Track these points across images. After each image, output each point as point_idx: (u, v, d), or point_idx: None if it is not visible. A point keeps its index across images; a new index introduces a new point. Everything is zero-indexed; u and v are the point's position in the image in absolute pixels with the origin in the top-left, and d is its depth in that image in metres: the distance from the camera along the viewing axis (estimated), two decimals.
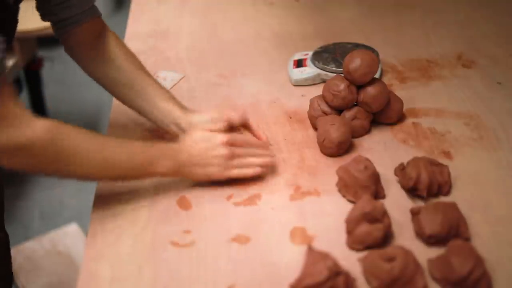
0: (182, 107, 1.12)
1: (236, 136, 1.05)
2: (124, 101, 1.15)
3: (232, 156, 1.02)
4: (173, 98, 1.13)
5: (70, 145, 0.89)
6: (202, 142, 1.01)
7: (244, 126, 1.13)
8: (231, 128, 1.09)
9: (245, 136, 1.09)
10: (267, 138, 1.13)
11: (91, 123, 2.80)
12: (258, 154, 1.05)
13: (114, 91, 1.15)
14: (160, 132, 1.16)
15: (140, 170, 0.97)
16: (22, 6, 1.02)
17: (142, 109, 1.13)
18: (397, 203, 0.99)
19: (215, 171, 1.01)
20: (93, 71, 1.14)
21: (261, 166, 1.04)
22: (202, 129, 1.04)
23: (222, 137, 1.02)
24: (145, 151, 0.97)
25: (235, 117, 1.09)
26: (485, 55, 1.43)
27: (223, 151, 1.01)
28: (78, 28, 1.09)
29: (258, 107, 1.27)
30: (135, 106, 1.13)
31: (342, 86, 1.14)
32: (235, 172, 1.02)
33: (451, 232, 0.90)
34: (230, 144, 1.02)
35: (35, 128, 0.86)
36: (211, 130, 1.04)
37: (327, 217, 0.97)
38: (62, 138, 0.89)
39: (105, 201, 1.02)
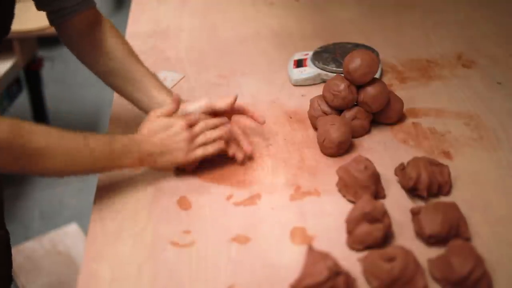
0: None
1: (191, 115, 1.04)
2: (119, 92, 1.16)
3: (193, 137, 1.02)
4: (167, 89, 1.14)
5: (33, 143, 0.89)
6: (163, 130, 1.01)
7: (238, 111, 1.13)
8: (224, 115, 1.10)
9: (198, 114, 1.06)
10: (264, 119, 1.12)
11: (91, 123, 2.81)
12: (216, 127, 1.05)
13: (109, 82, 1.15)
14: None
15: (105, 165, 0.98)
16: (22, 6, 1.02)
17: (137, 100, 1.14)
18: (397, 203, 0.99)
19: (179, 156, 1.02)
20: (88, 61, 1.15)
21: (221, 138, 1.04)
22: (158, 116, 1.03)
23: (181, 122, 1.02)
24: (108, 147, 0.96)
25: (223, 103, 1.09)
26: (485, 55, 1.43)
27: (185, 134, 1.01)
28: (73, 18, 1.10)
29: (258, 107, 1.27)
30: (130, 96, 1.14)
31: (342, 86, 1.14)
32: (199, 152, 1.03)
33: (451, 232, 0.90)
34: (190, 126, 1.03)
35: None
36: (164, 113, 1.04)
37: (327, 217, 0.97)
38: (24, 137, 0.88)
39: (105, 201, 1.02)
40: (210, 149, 1.04)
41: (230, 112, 1.13)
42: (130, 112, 1.25)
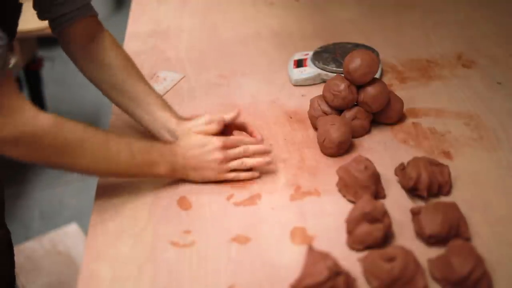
0: (177, 116, 1.11)
1: (229, 139, 1.05)
2: (117, 105, 1.15)
3: (226, 160, 1.03)
4: (168, 106, 1.13)
5: (77, 138, 0.92)
6: (197, 147, 1.02)
7: (239, 127, 1.12)
8: (225, 129, 1.09)
9: (239, 136, 1.08)
10: (262, 137, 1.11)
11: (91, 123, 2.80)
12: (252, 154, 1.05)
13: (108, 94, 1.15)
14: None
15: (140, 170, 0.99)
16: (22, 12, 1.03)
17: (136, 115, 1.13)
18: (397, 203, 0.99)
19: (210, 175, 1.04)
20: (87, 72, 1.15)
21: (256, 166, 1.05)
22: (197, 133, 1.04)
23: (217, 142, 1.03)
24: (146, 152, 0.99)
25: (228, 117, 1.09)
26: (485, 55, 1.43)
27: (218, 155, 1.02)
28: (73, 25, 1.10)
29: (258, 107, 1.27)
30: (128, 111, 1.14)
31: (342, 86, 1.14)
32: (231, 176, 1.04)
33: (451, 232, 0.90)
34: (225, 147, 1.03)
35: (42, 120, 0.88)
36: (206, 133, 1.05)
37: (327, 217, 0.97)
38: (69, 131, 0.91)
39: (105, 201, 1.02)
40: (242, 176, 1.05)
41: (233, 127, 1.12)
42: None
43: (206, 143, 1.03)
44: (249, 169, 1.06)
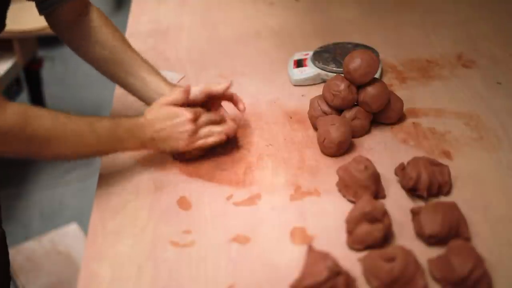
0: (168, 82, 1.16)
1: (199, 110, 1.07)
2: (112, 79, 1.17)
3: (196, 130, 1.06)
4: (158, 72, 1.16)
5: (41, 128, 0.92)
6: (168, 118, 1.04)
7: (227, 98, 1.16)
8: (214, 100, 1.13)
9: (209, 113, 1.10)
10: (245, 107, 1.16)
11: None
12: (220, 122, 1.09)
13: (102, 70, 1.17)
14: None
15: (109, 148, 1.02)
16: (22, 6, 1.02)
17: (130, 85, 1.16)
18: (397, 203, 0.99)
19: (180, 144, 1.05)
20: (80, 50, 1.17)
21: (225, 132, 1.08)
22: (166, 104, 1.06)
23: (188, 114, 1.04)
24: (114, 130, 1.00)
25: (219, 89, 1.13)
26: (485, 55, 1.43)
27: (188, 126, 1.04)
28: (60, 7, 1.11)
29: (258, 107, 1.27)
30: (123, 82, 1.16)
31: (342, 86, 1.14)
32: (200, 143, 1.06)
33: (451, 232, 0.90)
34: (195, 119, 1.05)
35: (9, 115, 0.88)
36: (169, 101, 1.06)
37: (327, 217, 0.97)
38: (33, 122, 0.91)
39: (105, 201, 1.02)
40: (210, 140, 1.07)
41: (222, 98, 1.16)
42: (130, 112, 1.25)
43: (177, 115, 1.04)
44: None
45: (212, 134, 1.07)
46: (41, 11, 1.12)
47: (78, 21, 1.14)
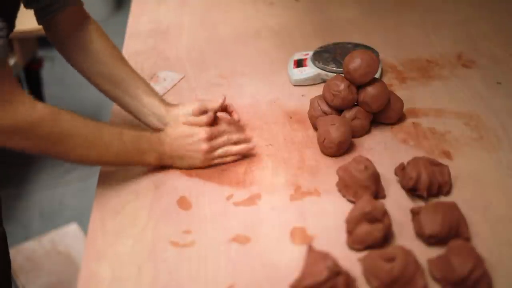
0: (165, 102, 1.15)
1: (215, 129, 1.09)
2: (107, 95, 1.16)
3: (212, 150, 1.07)
4: (156, 93, 1.16)
5: (71, 128, 0.94)
6: (184, 137, 1.06)
7: (222, 108, 1.16)
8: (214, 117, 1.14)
9: (223, 126, 1.12)
10: (239, 117, 1.17)
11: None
12: (236, 142, 1.10)
13: (96, 84, 1.16)
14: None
15: (130, 158, 1.03)
16: (22, 6, 1.02)
17: (124, 103, 1.15)
18: (397, 203, 0.99)
19: (196, 163, 1.07)
20: (76, 63, 1.16)
21: (240, 152, 1.10)
22: (184, 123, 1.09)
23: (203, 133, 1.06)
24: (136, 141, 1.02)
25: (215, 105, 1.13)
26: (485, 55, 1.43)
27: (204, 146, 1.06)
28: (59, 15, 1.10)
29: (258, 107, 1.27)
30: (117, 99, 1.16)
31: (342, 86, 1.14)
32: (216, 162, 1.09)
33: (451, 232, 0.90)
34: (210, 138, 1.07)
35: (38, 110, 0.91)
36: (194, 124, 1.08)
37: (327, 217, 0.97)
38: (64, 121, 0.93)
39: (105, 201, 1.02)
40: (227, 160, 1.10)
41: (217, 109, 1.16)
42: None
43: (192, 134, 1.06)
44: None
45: (228, 154, 1.09)
46: (40, 19, 1.11)
47: (75, 31, 1.13)
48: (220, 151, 1.08)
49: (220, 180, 1.06)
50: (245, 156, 1.11)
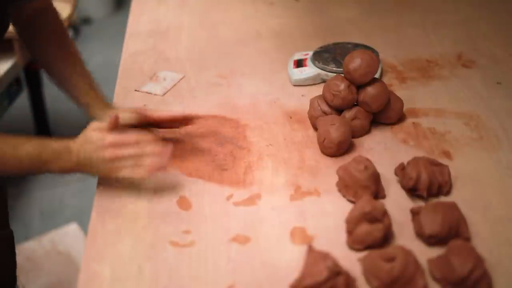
0: (102, 103, 1.15)
1: (125, 137, 0.98)
2: (59, 88, 1.19)
3: (115, 158, 0.97)
4: (94, 91, 1.16)
5: None
6: (89, 143, 0.98)
7: (159, 120, 1.12)
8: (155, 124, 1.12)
9: (134, 135, 0.99)
10: (182, 113, 1.13)
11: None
12: (150, 154, 0.98)
13: (49, 76, 1.18)
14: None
15: (33, 169, 0.99)
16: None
17: (70, 98, 1.18)
18: (397, 203, 0.99)
19: (102, 172, 1.00)
20: (31, 51, 1.18)
21: (151, 167, 0.98)
22: (94, 129, 1.00)
23: (106, 139, 0.98)
24: (38, 153, 0.96)
25: (154, 116, 1.11)
26: (485, 55, 1.43)
27: (106, 153, 0.97)
28: (20, 7, 1.12)
29: (258, 107, 1.27)
30: (65, 92, 1.18)
31: (342, 86, 1.14)
32: (125, 173, 0.98)
33: (451, 232, 0.90)
34: (116, 145, 0.98)
35: None
36: (100, 129, 1.00)
37: (327, 217, 0.97)
38: None
39: (105, 201, 1.02)
40: (136, 174, 0.98)
41: (172, 120, 1.13)
42: None
43: (96, 140, 0.98)
44: None
45: (140, 165, 0.98)
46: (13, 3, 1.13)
47: (33, 22, 1.14)
48: (127, 163, 0.97)
49: (220, 180, 1.06)
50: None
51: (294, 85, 1.35)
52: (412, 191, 1.00)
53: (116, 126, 1.00)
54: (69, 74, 1.15)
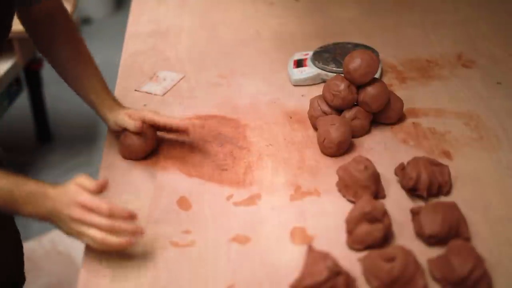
0: (111, 104, 1.13)
1: (98, 203, 0.87)
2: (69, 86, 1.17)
3: (80, 221, 0.87)
4: (105, 91, 1.14)
5: None
6: (64, 195, 0.88)
7: (164, 125, 1.10)
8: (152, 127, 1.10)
9: (113, 207, 0.88)
10: (186, 126, 1.10)
11: (90, 123, 2.81)
12: (120, 231, 0.87)
13: (64, 79, 1.17)
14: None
15: (3, 211, 0.92)
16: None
17: (81, 97, 1.16)
18: (397, 203, 0.99)
19: (66, 231, 0.90)
20: (42, 52, 1.17)
21: (118, 246, 0.87)
22: (77, 182, 0.90)
23: (79, 197, 0.87)
24: (10, 191, 0.89)
25: (148, 115, 1.09)
26: (485, 55, 1.43)
27: (72, 212, 0.87)
28: (32, 8, 1.11)
29: (258, 107, 1.27)
30: (76, 92, 1.16)
31: (342, 86, 1.14)
32: (86, 239, 0.88)
33: (451, 232, 0.90)
34: (85, 207, 0.87)
35: None
36: (77, 183, 0.90)
37: (327, 217, 0.97)
38: None
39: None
40: (102, 247, 0.87)
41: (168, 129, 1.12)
42: None
43: (71, 194, 0.88)
44: None
45: (103, 242, 0.86)
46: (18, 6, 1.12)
47: (43, 23, 1.13)
48: (92, 232, 0.86)
49: (220, 180, 1.06)
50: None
51: (294, 85, 1.35)
52: (412, 191, 1.00)
53: (103, 191, 0.91)
54: (80, 73, 1.14)
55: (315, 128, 1.17)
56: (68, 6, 2.38)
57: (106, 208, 0.87)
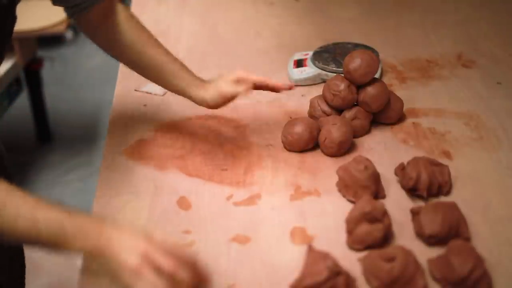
0: (200, 82, 1.13)
1: (163, 260, 0.74)
2: (157, 83, 1.16)
3: (139, 273, 0.73)
4: (189, 73, 1.14)
5: None
6: (127, 233, 0.77)
7: (259, 86, 1.08)
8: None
9: (179, 263, 0.75)
10: (280, 85, 1.08)
11: (91, 123, 2.81)
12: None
13: (142, 74, 1.16)
14: (160, 129, 1.16)
15: (49, 245, 0.83)
16: (22, 6, 1.02)
17: (162, 84, 1.15)
18: (397, 203, 0.99)
19: (121, 275, 0.75)
20: (113, 53, 1.16)
21: None
22: (145, 232, 0.79)
23: (142, 245, 0.75)
24: (60, 221, 0.80)
25: (251, 77, 1.07)
26: (485, 55, 1.43)
27: (133, 259, 0.74)
28: (87, 12, 1.10)
29: (258, 107, 1.27)
30: (168, 86, 1.15)
31: (342, 86, 1.14)
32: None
33: (451, 232, 0.90)
34: (147, 258, 0.74)
35: None
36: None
37: (327, 217, 0.97)
38: None
39: (105, 201, 1.02)
40: None
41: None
42: (130, 112, 1.25)
43: (136, 237, 0.77)
44: None
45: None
46: (69, 15, 1.11)
47: (105, 24, 1.12)
48: (145, 285, 0.73)
49: (220, 180, 1.06)
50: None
51: (294, 85, 1.34)
52: (412, 191, 1.00)
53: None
54: (161, 61, 1.13)
55: None
56: None
57: (171, 266, 0.74)
